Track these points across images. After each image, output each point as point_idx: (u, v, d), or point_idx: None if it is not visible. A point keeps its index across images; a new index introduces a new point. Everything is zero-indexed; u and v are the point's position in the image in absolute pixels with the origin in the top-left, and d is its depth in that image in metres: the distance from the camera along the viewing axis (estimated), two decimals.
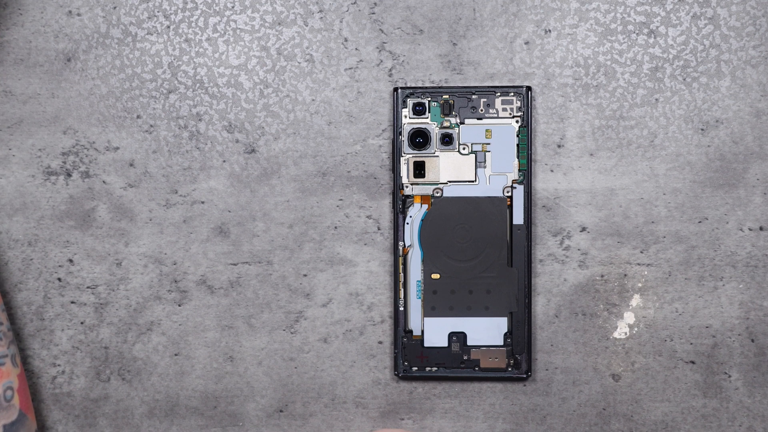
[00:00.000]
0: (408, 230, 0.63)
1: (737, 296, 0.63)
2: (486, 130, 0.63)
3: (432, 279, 0.63)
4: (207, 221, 0.65)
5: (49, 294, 0.65)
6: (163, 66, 0.64)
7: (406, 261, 0.63)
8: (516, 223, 0.63)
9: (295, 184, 0.64)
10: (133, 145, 0.65)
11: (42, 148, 0.65)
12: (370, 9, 0.64)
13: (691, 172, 0.63)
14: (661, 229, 0.64)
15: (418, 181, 0.63)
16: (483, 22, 0.64)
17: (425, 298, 0.63)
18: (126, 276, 0.65)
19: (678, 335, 0.64)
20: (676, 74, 0.63)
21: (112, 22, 0.64)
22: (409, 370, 0.63)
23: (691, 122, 0.63)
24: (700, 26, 0.63)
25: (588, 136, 0.64)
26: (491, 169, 0.63)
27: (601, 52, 0.63)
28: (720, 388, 0.64)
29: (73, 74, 0.65)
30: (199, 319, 0.65)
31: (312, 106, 0.64)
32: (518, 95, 0.63)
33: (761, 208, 0.63)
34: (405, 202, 0.63)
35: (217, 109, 0.64)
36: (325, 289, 0.64)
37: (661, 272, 0.64)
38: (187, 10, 0.64)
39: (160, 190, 0.65)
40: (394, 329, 0.63)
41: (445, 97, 0.63)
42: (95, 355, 0.65)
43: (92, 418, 0.65)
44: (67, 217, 0.65)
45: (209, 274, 0.65)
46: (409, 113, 0.63)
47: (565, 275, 0.64)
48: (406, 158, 0.63)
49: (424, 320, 0.63)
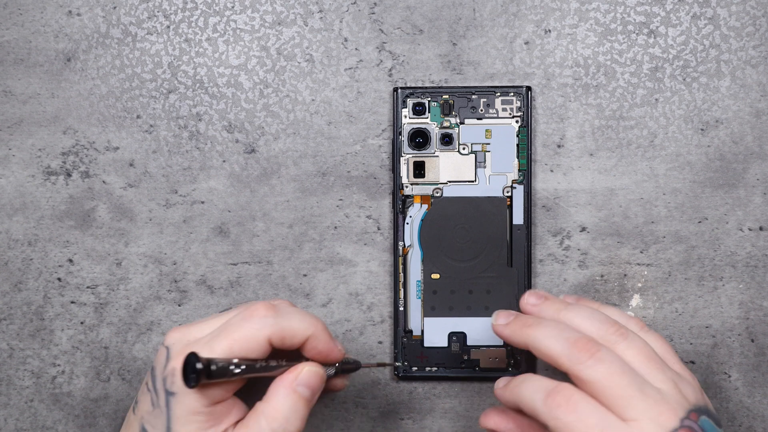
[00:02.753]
0: (408, 230, 0.63)
1: (737, 296, 0.63)
2: (486, 130, 0.63)
3: (432, 279, 0.63)
4: (207, 221, 0.65)
5: (49, 294, 0.65)
6: (163, 66, 0.64)
7: (406, 261, 0.63)
8: (516, 223, 0.63)
9: (294, 184, 0.64)
10: (133, 145, 0.65)
11: (42, 148, 0.65)
12: (370, 9, 0.64)
13: (691, 172, 0.63)
14: (661, 229, 0.63)
15: (418, 181, 0.63)
16: (483, 22, 0.64)
17: (425, 298, 0.63)
18: (126, 276, 0.65)
19: (678, 335, 0.64)
20: (676, 74, 0.63)
21: (112, 22, 0.64)
22: (409, 370, 0.63)
23: (691, 122, 0.63)
24: (700, 26, 0.63)
25: (588, 136, 0.64)
26: (491, 169, 0.63)
27: (601, 52, 0.63)
28: (720, 388, 0.64)
29: (73, 74, 0.65)
30: (198, 319, 0.65)
31: (312, 106, 0.64)
32: (518, 95, 0.63)
33: (761, 208, 0.63)
34: (405, 202, 0.63)
35: (217, 109, 0.64)
36: (325, 289, 0.64)
37: (661, 272, 0.64)
38: (187, 10, 0.64)
39: (160, 190, 0.65)
40: (394, 329, 0.63)
41: (445, 97, 0.63)
42: (95, 355, 0.65)
43: (92, 418, 0.65)
44: (67, 217, 0.65)
45: (209, 274, 0.65)
46: (409, 113, 0.63)
47: (565, 275, 0.64)
48: (406, 158, 0.63)
49: (424, 320, 0.63)
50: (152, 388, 0.53)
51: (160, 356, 0.53)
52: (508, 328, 0.53)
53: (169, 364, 0.52)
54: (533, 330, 0.51)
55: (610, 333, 0.50)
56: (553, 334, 0.49)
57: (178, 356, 0.52)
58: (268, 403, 0.52)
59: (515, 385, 0.51)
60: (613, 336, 0.49)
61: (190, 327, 0.54)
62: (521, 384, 0.50)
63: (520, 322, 0.52)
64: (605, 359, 0.47)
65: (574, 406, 0.47)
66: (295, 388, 0.51)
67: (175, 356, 0.52)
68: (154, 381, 0.53)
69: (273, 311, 0.52)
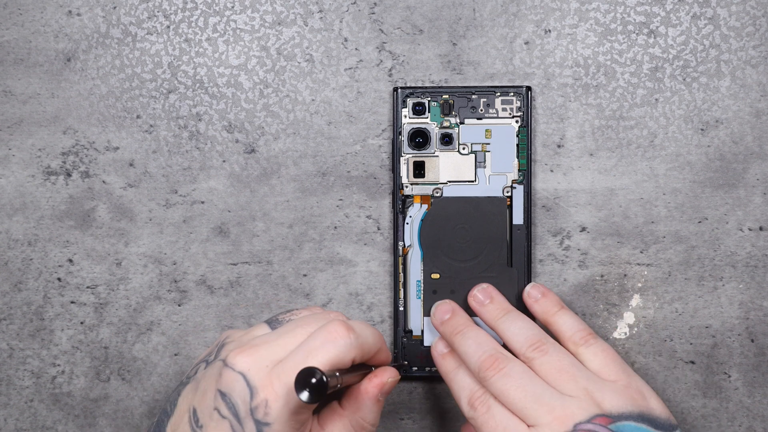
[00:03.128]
0: (408, 230, 0.63)
1: (737, 296, 0.63)
2: (486, 130, 0.63)
3: (432, 279, 0.63)
4: (207, 221, 0.65)
5: (49, 294, 0.65)
6: (163, 66, 0.64)
7: (406, 261, 0.63)
8: (516, 223, 0.63)
9: (294, 184, 0.64)
10: (133, 145, 0.65)
11: (42, 148, 0.65)
12: (370, 9, 0.64)
13: (691, 172, 0.63)
14: (661, 229, 0.63)
15: (418, 181, 0.63)
16: (483, 22, 0.64)
17: (425, 298, 0.63)
18: (126, 276, 0.65)
19: (678, 335, 0.64)
20: (676, 74, 0.63)
21: (112, 22, 0.64)
22: (409, 370, 0.63)
23: (691, 122, 0.63)
24: (700, 26, 0.63)
25: (588, 136, 0.64)
26: (491, 169, 0.63)
27: (601, 52, 0.63)
28: (720, 388, 0.64)
29: (73, 74, 0.65)
30: (198, 319, 0.65)
31: (312, 106, 0.64)
32: (518, 95, 0.63)
33: (761, 208, 0.63)
34: (405, 202, 0.63)
35: (217, 109, 0.64)
36: (325, 289, 0.64)
37: (661, 272, 0.64)
38: (187, 10, 0.64)
39: (160, 190, 0.65)
40: (394, 329, 0.63)
41: (444, 97, 0.63)
42: (95, 355, 0.65)
43: (92, 418, 0.65)
44: (67, 217, 0.65)
45: (209, 274, 0.65)
46: (408, 113, 0.63)
47: (565, 275, 0.64)
48: (406, 158, 0.63)
49: (424, 320, 0.63)
50: (231, 416, 0.52)
51: (235, 383, 0.52)
52: (442, 327, 0.60)
53: (258, 395, 0.51)
54: (457, 339, 0.58)
55: (531, 348, 0.56)
56: (472, 347, 0.57)
57: (265, 387, 0.51)
58: (358, 412, 0.55)
59: (446, 372, 0.58)
60: (531, 352, 0.56)
61: (257, 349, 0.53)
62: (453, 375, 0.58)
63: (451, 327, 0.59)
64: (510, 374, 0.55)
65: (491, 411, 0.54)
66: (379, 398, 0.55)
67: (261, 387, 0.51)
68: (233, 410, 0.52)
69: (353, 332, 0.53)
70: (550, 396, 0.54)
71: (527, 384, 0.54)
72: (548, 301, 0.60)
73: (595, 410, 0.53)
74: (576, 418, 0.52)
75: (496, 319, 0.59)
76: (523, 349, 0.56)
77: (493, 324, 0.59)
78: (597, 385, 0.54)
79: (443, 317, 0.60)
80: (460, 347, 0.58)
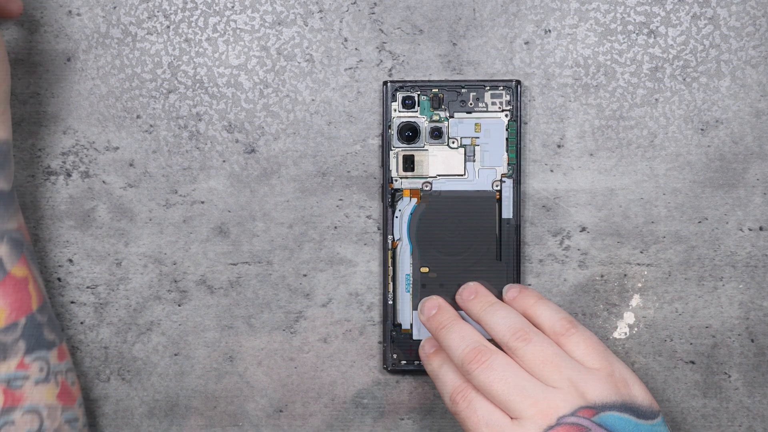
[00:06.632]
0: (397, 224, 0.63)
1: (737, 296, 0.63)
2: (475, 123, 0.63)
3: (421, 273, 0.63)
4: (207, 221, 0.65)
5: (48, 294, 0.65)
6: (163, 66, 0.64)
7: (395, 255, 0.63)
8: (505, 217, 0.63)
9: (294, 184, 0.64)
10: (133, 145, 0.65)
11: (42, 148, 0.65)
12: (370, 9, 0.64)
13: (691, 172, 0.63)
14: (661, 229, 0.64)
15: (408, 175, 0.63)
16: (483, 22, 0.64)
17: (414, 292, 0.63)
18: (126, 276, 0.65)
19: (678, 335, 0.64)
20: (676, 74, 0.63)
21: (112, 22, 0.64)
22: (398, 363, 0.63)
23: (691, 122, 0.63)
24: (700, 26, 0.63)
25: (588, 136, 0.64)
26: (481, 163, 0.63)
27: (601, 52, 0.63)
28: (720, 388, 0.64)
29: (73, 74, 0.65)
30: (198, 319, 0.65)
31: (312, 106, 0.64)
32: (507, 89, 0.63)
33: (761, 208, 0.63)
34: (394, 195, 0.63)
35: (216, 109, 0.64)
36: (324, 289, 0.64)
37: (661, 272, 0.64)
38: (187, 10, 0.64)
39: (160, 190, 0.65)
40: (383, 323, 0.63)
41: (434, 91, 0.63)
42: (95, 355, 0.65)
43: (92, 418, 0.65)
44: (66, 217, 0.65)
45: (209, 274, 0.65)
46: (398, 107, 0.63)
47: (565, 275, 0.64)
48: (396, 152, 0.63)
49: (413, 314, 0.63)
50: None
51: None
52: (428, 322, 0.59)
53: None
54: (442, 333, 0.58)
55: (513, 337, 0.56)
56: (456, 341, 0.57)
57: None
58: None
59: (431, 371, 0.58)
60: (514, 341, 0.55)
61: None
62: (437, 372, 0.58)
63: (437, 322, 0.59)
64: (493, 366, 0.54)
65: (473, 405, 0.54)
66: None
67: None
68: None
69: None
70: (533, 388, 0.53)
71: (510, 376, 0.54)
72: (525, 296, 0.59)
73: (579, 402, 0.53)
74: (560, 411, 0.52)
75: (480, 311, 0.59)
76: (506, 338, 0.56)
77: (478, 317, 0.59)
78: (581, 375, 0.54)
79: (430, 313, 0.60)
80: (444, 341, 0.57)
